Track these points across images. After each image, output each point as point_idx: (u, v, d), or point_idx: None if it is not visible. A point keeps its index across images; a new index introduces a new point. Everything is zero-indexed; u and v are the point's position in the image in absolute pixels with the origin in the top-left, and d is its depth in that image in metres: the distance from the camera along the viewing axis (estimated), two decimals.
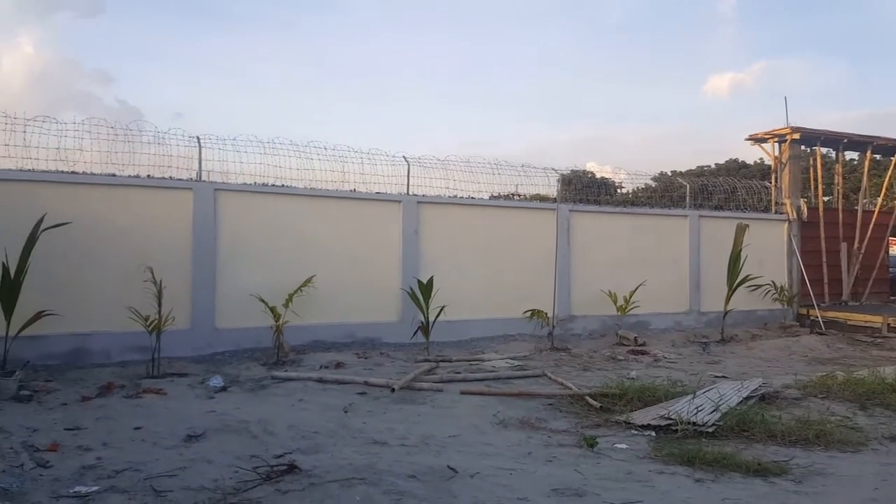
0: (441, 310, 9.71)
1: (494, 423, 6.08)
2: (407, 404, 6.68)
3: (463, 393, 7.13)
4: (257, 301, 9.00)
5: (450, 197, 11.26)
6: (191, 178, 9.29)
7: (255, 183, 9.78)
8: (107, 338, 8.49)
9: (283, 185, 9.89)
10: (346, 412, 6.24)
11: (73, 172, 8.64)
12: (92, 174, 8.72)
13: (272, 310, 8.83)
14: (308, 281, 9.32)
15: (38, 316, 7.58)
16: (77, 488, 4.16)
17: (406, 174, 10.92)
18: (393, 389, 7.05)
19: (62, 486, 4.23)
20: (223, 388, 7.16)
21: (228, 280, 9.29)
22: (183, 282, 8.91)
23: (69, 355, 8.29)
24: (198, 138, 9.43)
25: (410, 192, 10.89)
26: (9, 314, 7.36)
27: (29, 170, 8.42)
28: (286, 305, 8.96)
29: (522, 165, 12.14)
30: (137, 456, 4.85)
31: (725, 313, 12.36)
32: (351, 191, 10.40)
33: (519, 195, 12.51)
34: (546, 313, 10.76)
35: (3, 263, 7.34)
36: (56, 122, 8.64)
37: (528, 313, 10.79)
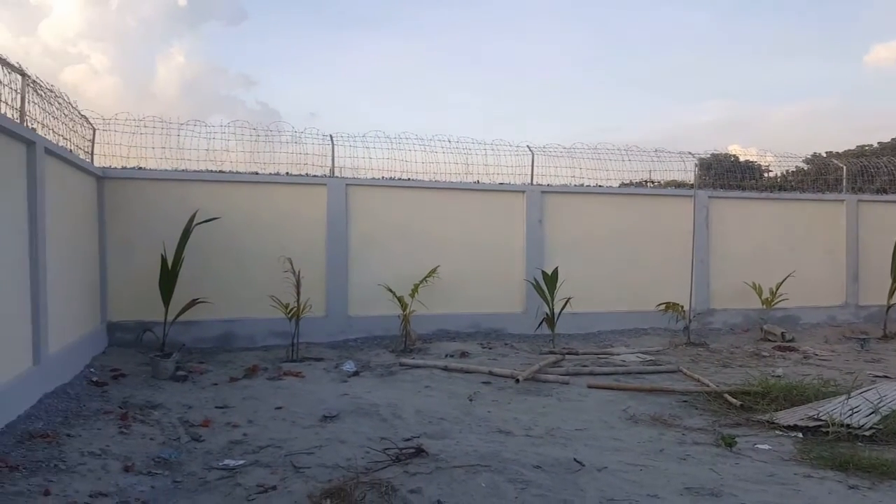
0: (567, 301, 9.48)
1: (624, 418, 5.82)
2: (531, 395, 6.58)
3: (590, 386, 6.90)
4: (386, 291, 9.28)
5: (576, 186, 10.95)
6: (324, 175, 9.74)
7: (382, 177, 10.08)
8: (251, 323, 9.13)
9: (408, 179, 10.11)
10: (470, 400, 6.25)
11: (220, 171, 9.35)
12: (237, 173, 9.39)
13: (399, 299, 9.06)
14: (433, 271, 9.47)
15: (192, 303, 8.29)
16: (226, 461, 4.48)
17: (530, 164, 10.75)
18: (517, 380, 6.97)
19: (213, 458, 4.58)
20: (355, 373, 7.44)
21: (359, 270, 9.67)
22: (318, 272, 9.38)
23: (219, 339, 9.02)
24: (331, 136, 9.87)
25: (535, 182, 10.72)
26: (167, 302, 8.12)
27: (183, 170, 9.22)
28: (412, 295, 9.15)
29: (655, 150, 11.55)
30: (279, 434, 5.15)
31: (888, 307, 11.04)
32: (474, 182, 10.42)
33: (652, 182, 11.90)
34: (682, 306, 10.17)
35: (163, 255, 8.11)
36: (206, 126, 9.41)
37: (662, 306, 10.25)
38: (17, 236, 5.43)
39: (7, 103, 5.35)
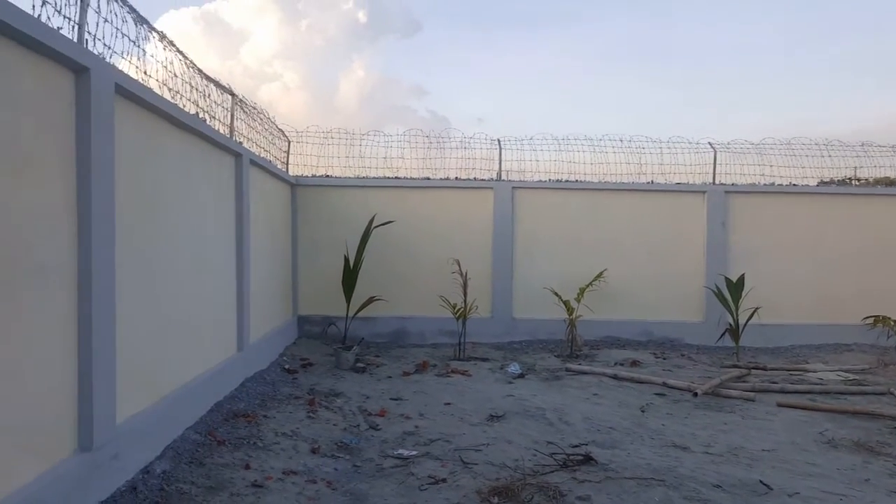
0: (754, 311, 8.67)
1: (820, 441, 5.18)
2: (711, 411, 6.10)
3: (780, 405, 6.24)
4: (551, 294, 9.18)
5: (765, 185, 9.99)
6: (491, 178, 9.88)
7: (549, 179, 9.98)
8: (422, 321, 9.52)
9: (576, 181, 9.91)
10: (643, 411, 5.95)
11: (396, 178, 9.87)
12: (411, 178, 9.85)
13: (565, 303, 8.91)
14: (600, 275, 9.18)
15: (371, 300, 8.83)
16: (400, 451, 4.69)
17: (712, 162, 10.02)
18: (695, 394, 6.51)
19: (388, 447, 4.82)
20: (521, 375, 7.44)
21: (524, 273, 9.66)
22: (485, 273, 9.54)
23: (393, 335, 9.52)
24: (498, 141, 10.00)
25: (717, 182, 9.97)
26: (348, 298, 8.72)
27: (363, 177, 9.88)
28: (578, 299, 8.95)
29: (862, 144, 10.20)
30: (447, 428, 5.29)
31: None
32: (648, 182, 9.93)
33: (858, 180, 10.52)
34: (893, 320, 8.86)
35: (345, 256, 8.74)
36: (383, 135, 10.00)
37: (870, 320, 9.01)
38: (229, 238, 6.15)
39: (220, 120, 6.08)
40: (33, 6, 2.94)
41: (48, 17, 3.04)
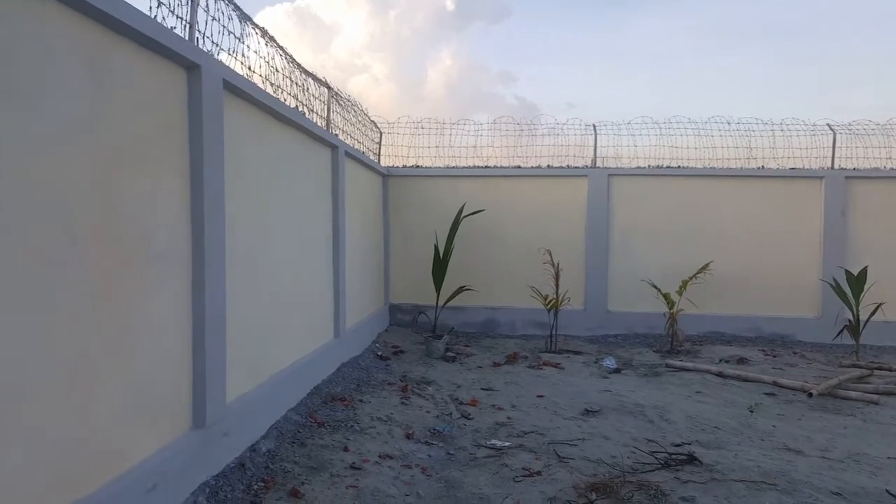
0: (877, 307, 7.95)
1: None
2: (828, 413, 5.66)
3: None
4: (649, 286, 8.84)
5: (890, 169, 9.10)
6: (585, 166, 9.61)
7: (648, 166, 9.59)
8: (511, 312, 9.44)
9: (678, 167, 9.46)
10: (751, 411, 5.61)
11: (486, 167, 9.80)
12: (501, 167, 9.76)
13: (665, 296, 8.55)
14: (705, 267, 8.73)
15: (460, 290, 8.84)
16: (493, 441, 4.67)
17: (830, 145, 9.27)
18: (810, 394, 6.06)
19: (480, 436, 4.80)
20: (617, 370, 7.21)
21: (620, 264, 9.35)
22: (577, 264, 9.31)
23: (482, 325, 9.50)
24: (594, 126, 9.71)
25: (836, 166, 9.21)
26: (438, 287, 8.78)
27: (452, 166, 9.88)
28: (680, 292, 8.56)
29: None
30: (540, 421, 5.21)
31: None
32: (758, 168, 9.32)
33: None
34: None
35: (435, 245, 8.80)
36: (473, 124, 9.96)
37: None
38: (326, 228, 6.32)
39: (317, 113, 6.25)
40: (150, 7, 3.10)
41: (163, 18, 3.20)
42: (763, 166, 9.34)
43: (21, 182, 2.28)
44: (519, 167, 9.72)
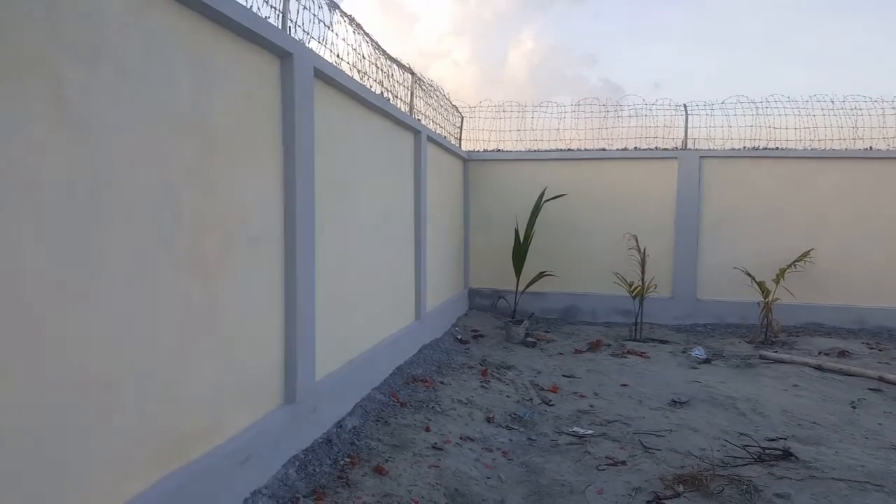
0: None
1: None
2: None
3: None
4: (742, 274, 8.44)
5: None
6: (675, 148, 9.24)
7: (743, 147, 9.10)
8: (594, 299, 9.25)
9: (776, 148, 8.93)
10: (853, 407, 5.27)
11: (568, 150, 9.60)
12: (584, 150, 9.52)
13: (759, 285, 8.12)
14: (805, 255, 8.23)
15: (541, 275, 8.75)
16: (575, 428, 4.61)
17: None
18: None
19: (562, 423, 4.76)
20: (706, 361, 6.94)
21: (711, 250, 8.96)
22: (664, 250, 9.01)
23: (563, 311, 9.37)
24: (684, 106, 9.30)
25: None
26: (518, 272, 8.72)
27: (533, 150, 9.74)
28: (777, 281, 8.11)
29: None
30: (625, 411, 5.10)
31: None
32: (865, 149, 8.64)
33: None
34: None
35: (516, 230, 8.73)
36: (556, 106, 9.76)
37: None
38: (408, 212, 6.41)
39: (401, 99, 6.31)
40: None
41: (258, 8, 3.31)
42: (871, 147, 8.65)
43: (132, 165, 2.43)
44: (604, 150, 9.47)
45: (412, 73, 6.76)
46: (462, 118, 9.86)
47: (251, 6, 3.26)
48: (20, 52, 1.94)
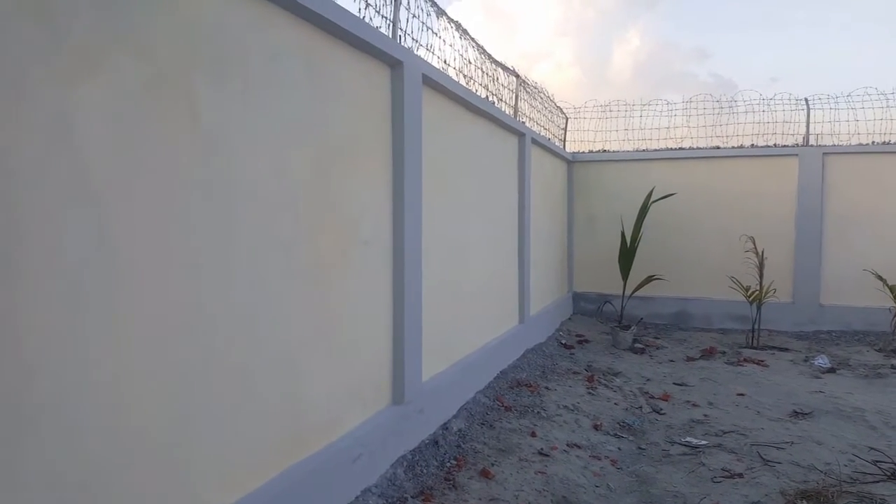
0: None
1: None
2: None
3: None
4: (870, 278, 7.78)
5: None
6: (796, 144, 8.66)
7: (871, 143, 8.39)
8: (707, 304, 8.84)
9: None
10: None
11: (679, 149, 9.24)
12: (695, 149, 9.13)
13: (891, 289, 7.45)
14: None
15: (649, 279, 8.46)
16: (688, 439, 4.44)
17: None
18: None
19: (674, 433, 4.59)
20: (830, 370, 6.45)
21: (836, 252, 8.32)
22: (784, 253, 8.46)
23: (673, 317, 9.01)
24: (805, 100, 8.70)
25: None
26: (625, 276, 8.47)
27: (641, 150, 9.45)
28: None
29: None
30: (741, 421, 4.84)
31: None
32: None
33: None
34: None
35: (622, 232, 8.50)
36: (667, 104, 9.42)
37: None
38: (512, 215, 6.41)
39: (506, 102, 6.34)
40: (359, 9, 3.36)
41: (370, 18, 3.45)
42: None
43: (258, 172, 2.61)
44: (718, 148, 9.03)
45: (517, 76, 6.77)
46: (566, 119, 9.74)
47: (363, 17, 3.40)
48: (161, 68, 2.14)
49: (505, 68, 6.30)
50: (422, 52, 4.25)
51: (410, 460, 3.76)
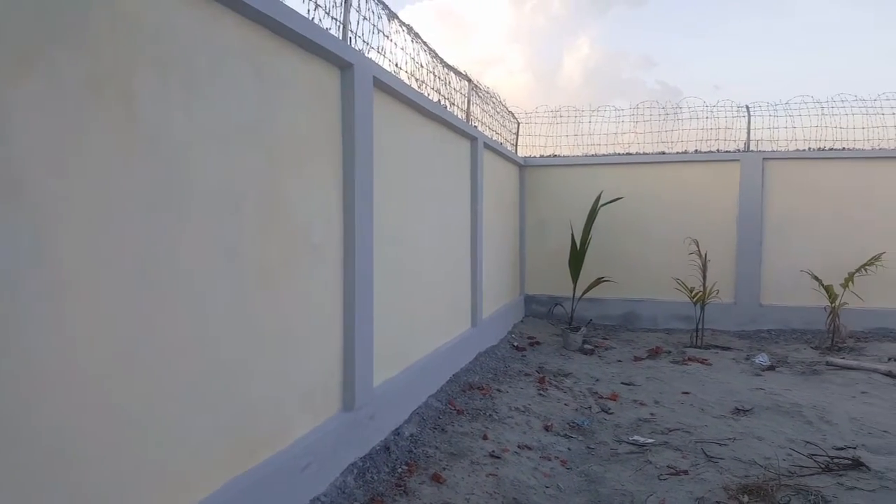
0: None
1: None
2: None
3: None
4: (807, 278, 8.12)
5: None
6: (737, 150, 8.98)
7: (808, 149, 8.77)
8: (653, 305, 9.07)
9: (841, 149, 8.57)
10: None
11: (627, 154, 9.46)
12: (642, 154, 9.37)
13: (826, 289, 7.79)
14: (876, 258, 7.84)
15: (598, 281, 8.63)
16: (635, 437, 4.54)
17: None
18: None
19: (622, 432, 4.69)
20: (770, 367, 6.71)
21: (775, 254, 8.67)
22: (727, 255, 8.76)
23: (621, 318, 9.22)
24: (746, 107, 9.04)
25: None
26: (575, 278, 8.62)
27: (591, 155, 9.64)
28: (845, 285, 7.76)
29: None
30: (686, 419, 4.98)
31: None
32: None
33: None
34: None
35: (572, 235, 8.64)
36: (613, 109, 9.64)
37: None
38: (464, 219, 6.44)
39: (458, 106, 6.36)
40: (308, 11, 3.32)
41: (320, 20, 3.41)
42: None
43: (202, 175, 2.55)
44: (663, 153, 9.29)
45: (469, 81, 6.80)
46: (518, 124, 9.85)
47: (313, 18, 3.36)
48: (101, 67, 2.07)
49: (457, 72, 6.33)
50: (373, 55, 4.23)
51: (361, 467, 3.71)
